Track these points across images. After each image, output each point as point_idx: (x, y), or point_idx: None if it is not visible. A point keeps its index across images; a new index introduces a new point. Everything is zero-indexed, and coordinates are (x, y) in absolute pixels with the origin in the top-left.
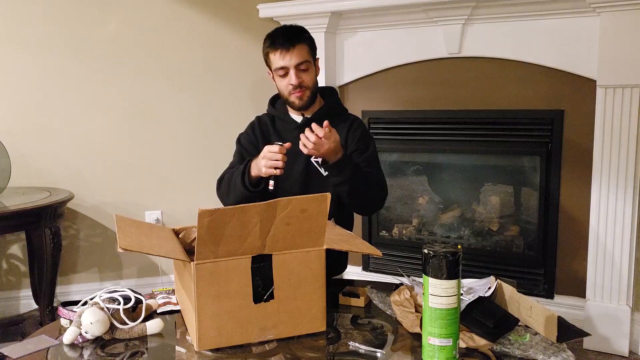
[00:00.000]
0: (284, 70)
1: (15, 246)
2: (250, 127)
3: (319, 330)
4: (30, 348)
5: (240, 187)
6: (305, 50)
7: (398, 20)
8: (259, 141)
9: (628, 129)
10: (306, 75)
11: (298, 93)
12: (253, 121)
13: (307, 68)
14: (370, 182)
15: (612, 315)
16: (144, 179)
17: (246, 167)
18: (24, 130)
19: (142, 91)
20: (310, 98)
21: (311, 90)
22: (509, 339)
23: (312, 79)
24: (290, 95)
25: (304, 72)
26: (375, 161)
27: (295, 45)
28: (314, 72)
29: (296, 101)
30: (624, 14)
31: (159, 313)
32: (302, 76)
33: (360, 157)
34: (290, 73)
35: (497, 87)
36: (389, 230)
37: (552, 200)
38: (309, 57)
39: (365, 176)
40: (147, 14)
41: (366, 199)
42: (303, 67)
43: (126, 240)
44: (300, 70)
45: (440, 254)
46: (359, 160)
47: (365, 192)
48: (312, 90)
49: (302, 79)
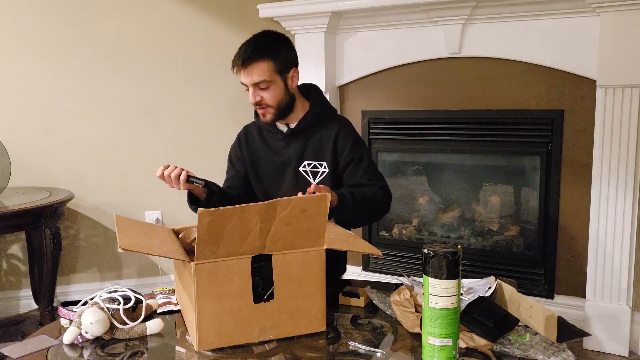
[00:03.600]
0: (245, 87)
1: (15, 246)
2: (237, 141)
3: (319, 330)
4: (30, 348)
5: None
6: (265, 68)
7: (398, 20)
8: (245, 155)
9: (628, 129)
10: (266, 93)
11: (261, 110)
12: (240, 133)
13: (267, 86)
14: (369, 202)
15: (612, 315)
16: (144, 179)
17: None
18: (24, 130)
19: (142, 91)
20: (277, 114)
21: (276, 107)
22: (509, 339)
23: (275, 96)
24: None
25: (264, 90)
26: (373, 167)
27: (250, 65)
28: (279, 87)
29: (261, 117)
30: (624, 14)
31: (159, 313)
32: (261, 94)
33: (358, 170)
34: (250, 91)
35: (497, 87)
36: (389, 230)
37: (552, 200)
38: (270, 74)
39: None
40: (147, 14)
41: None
42: (262, 85)
43: (126, 241)
44: (259, 88)
45: (440, 254)
46: (357, 174)
47: (367, 214)
48: (277, 107)
49: (261, 97)
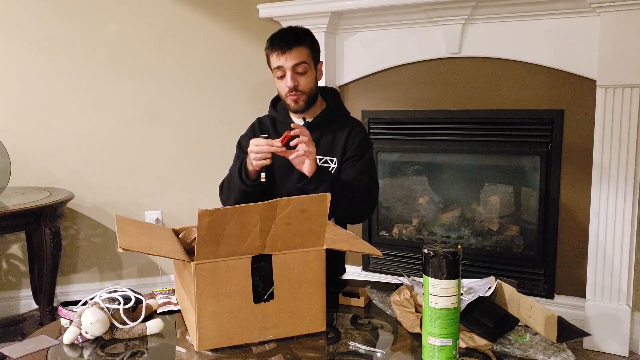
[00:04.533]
0: (281, 71)
1: (15, 246)
2: (251, 129)
3: (319, 330)
4: (31, 348)
5: (238, 183)
6: (305, 52)
7: (398, 20)
8: None
9: (628, 129)
10: (303, 79)
11: (294, 96)
12: (254, 123)
13: (305, 71)
14: (354, 192)
15: (612, 315)
16: (144, 179)
17: (242, 163)
18: (24, 130)
19: (143, 91)
20: (307, 102)
21: (308, 94)
22: (509, 339)
23: (309, 82)
24: (287, 97)
25: (301, 75)
26: (369, 168)
27: (293, 48)
28: (313, 75)
29: (292, 104)
30: (624, 14)
31: (159, 313)
32: (298, 79)
33: (353, 165)
34: (287, 75)
35: (497, 87)
36: (389, 230)
37: (552, 200)
38: (308, 59)
39: (347, 186)
40: (148, 14)
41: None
42: (300, 69)
43: (126, 240)
44: (297, 73)
45: (440, 254)
46: (350, 169)
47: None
48: (308, 95)
49: (297, 82)
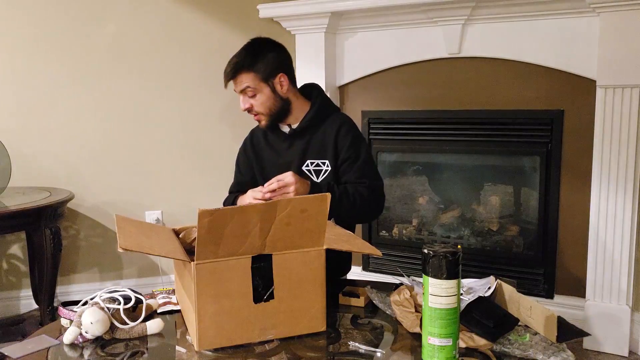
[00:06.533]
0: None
1: (15, 246)
2: (244, 146)
3: (319, 330)
4: (31, 348)
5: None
6: (248, 77)
7: (398, 20)
8: (251, 160)
9: (628, 129)
10: (254, 100)
11: (254, 116)
12: (246, 138)
13: (254, 94)
14: (354, 197)
15: (612, 315)
16: (144, 179)
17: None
18: (24, 130)
19: (143, 91)
20: (270, 119)
21: (266, 113)
22: (509, 339)
23: (262, 102)
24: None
25: (252, 98)
26: (369, 167)
27: (236, 76)
28: (266, 94)
29: (258, 123)
30: (624, 14)
31: (159, 313)
32: (250, 101)
33: (352, 168)
34: (240, 99)
35: (497, 87)
36: (389, 230)
37: (552, 200)
38: (254, 82)
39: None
40: (147, 14)
41: (355, 215)
42: (248, 93)
43: (126, 240)
44: (247, 96)
45: (440, 254)
46: (350, 172)
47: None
48: (268, 113)
49: (250, 104)
